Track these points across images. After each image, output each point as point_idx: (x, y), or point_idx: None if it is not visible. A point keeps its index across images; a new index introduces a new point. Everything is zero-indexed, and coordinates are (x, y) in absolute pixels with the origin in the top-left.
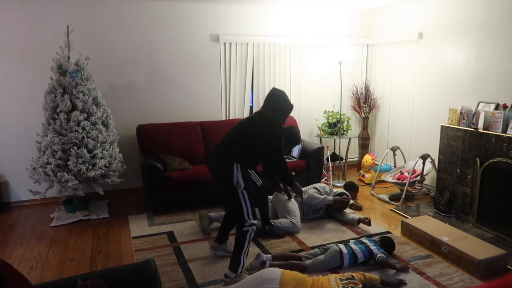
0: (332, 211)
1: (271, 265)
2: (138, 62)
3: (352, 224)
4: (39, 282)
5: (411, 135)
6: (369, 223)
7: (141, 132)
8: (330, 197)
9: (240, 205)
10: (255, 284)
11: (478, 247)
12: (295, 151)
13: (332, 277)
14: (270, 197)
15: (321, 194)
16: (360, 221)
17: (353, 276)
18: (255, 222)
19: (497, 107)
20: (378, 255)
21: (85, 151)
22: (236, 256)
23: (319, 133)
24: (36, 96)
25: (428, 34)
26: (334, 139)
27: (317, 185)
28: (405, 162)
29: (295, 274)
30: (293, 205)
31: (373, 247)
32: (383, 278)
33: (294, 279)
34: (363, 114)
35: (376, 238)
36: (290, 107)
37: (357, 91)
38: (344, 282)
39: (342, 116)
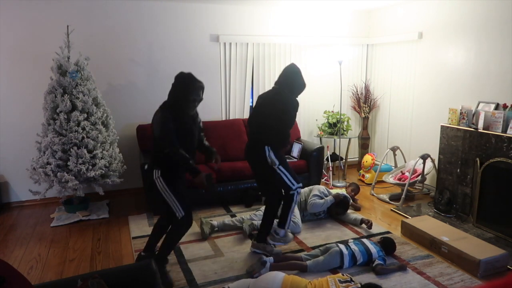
0: (333, 215)
1: (272, 266)
2: (138, 62)
3: (354, 224)
4: (39, 282)
5: (411, 135)
6: (370, 226)
7: (141, 132)
8: (331, 197)
9: (282, 178)
10: None
11: (478, 247)
12: (295, 151)
13: (331, 279)
14: None
15: (321, 198)
16: (362, 221)
17: (351, 279)
18: (300, 185)
19: (497, 107)
20: (376, 263)
21: (85, 151)
22: (284, 215)
23: (319, 133)
24: (36, 96)
25: (428, 34)
26: (334, 139)
27: (316, 190)
28: (405, 162)
29: (299, 281)
30: None
31: (372, 250)
32: None
33: (296, 286)
34: (363, 114)
35: (377, 238)
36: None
37: (357, 91)
38: (343, 284)
39: (342, 116)
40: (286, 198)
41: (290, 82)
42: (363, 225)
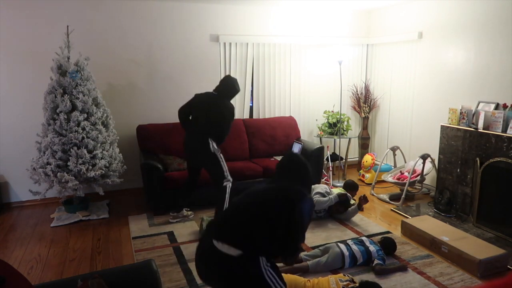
0: (334, 213)
1: None
2: (138, 62)
3: (355, 214)
4: (39, 282)
5: (411, 135)
6: (365, 199)
7: (141, 132)
8: (335, 195)
9: (220, 164)
10: None
11: (478, 247)
12: (295, 151)
13: (332, 279)
14: None
15: (324, 196)
16: (360, 204)
17: (353, 279)
18: (231, 179)
19: (497, 107)
20: (376, 263)
21: (85, 151)
22: (221, 208)
23: (319, 133)
24: (36, 96)
25: (428, 34)
26: (334, 139)
27: (318, 188)
28: (405, 162)
29: (295, 278)
30: None
31: (372, 249)
32: None
33: (293, 284)
34: (363, 114)
35: (377, 238)
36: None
37: (357, 91)
38: (344, 283)
39: (342, 116)
40: (220, 192)
41: (227, 92)
42: (362, 223)
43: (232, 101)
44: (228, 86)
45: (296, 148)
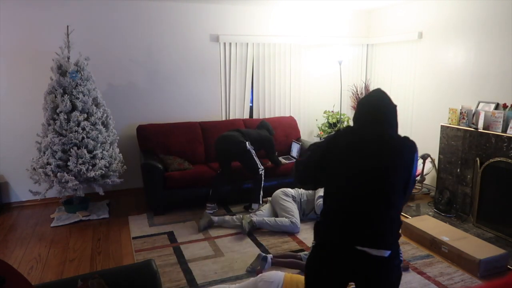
0: None
1: (273, 261)
2: (138, 62)
3: None
4: (39, 282)
5: (411, 135)
6: None
7: (141, 132)
8: None
9: (253, 159)
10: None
11: (478, 247)
12: (294, 151)
13: None
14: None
15: None
16: None
17: None
18: (263, 168)
19: (497, 107)
20: None
21: (85, 151)
22: (257, 191)
23: (319, 133)
24: (36, 96)
25: (428, 34)
26: None
27: (320, 191)
28: None
29: (298, 278)
30: (292, 205)
31: None
32: None
33: (300, 283)
34: None
35: None
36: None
37: (357, 91)
38: None
39: (342, 116)
40: (256, 179)
41: (265, 128)
42: None
43: (231, 102)
44: (264, 125)
45: (295, 148)
